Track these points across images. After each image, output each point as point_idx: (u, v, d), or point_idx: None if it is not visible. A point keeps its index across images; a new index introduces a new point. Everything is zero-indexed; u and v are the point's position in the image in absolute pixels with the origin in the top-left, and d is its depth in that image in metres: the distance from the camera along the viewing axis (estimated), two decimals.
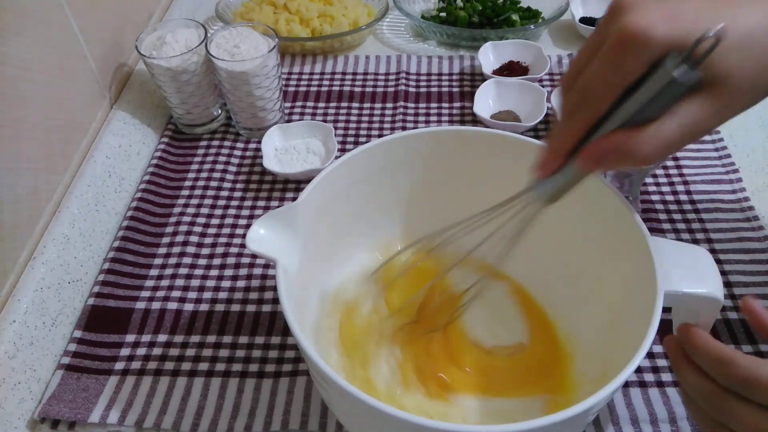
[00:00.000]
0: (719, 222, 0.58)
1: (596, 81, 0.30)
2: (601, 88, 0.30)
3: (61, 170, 0.56)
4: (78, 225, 0.54)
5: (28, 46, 0.51)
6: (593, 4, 0.86)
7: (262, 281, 0.55)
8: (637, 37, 0.28)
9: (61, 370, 0.48)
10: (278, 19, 0.79)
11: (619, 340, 0.38)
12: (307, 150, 0.65)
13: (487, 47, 0.78)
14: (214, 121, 0.70)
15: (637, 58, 0.28)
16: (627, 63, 0.29)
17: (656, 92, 0.28)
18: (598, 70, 0.30)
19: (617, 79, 0.29)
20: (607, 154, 0.31)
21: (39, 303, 0.48)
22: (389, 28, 0.87)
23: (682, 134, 0.29)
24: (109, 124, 0.64)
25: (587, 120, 0.31)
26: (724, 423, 0.32)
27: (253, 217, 0.61)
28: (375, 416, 0.31)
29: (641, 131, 0.29)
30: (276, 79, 0.66)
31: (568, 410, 0.30)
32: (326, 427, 0.45)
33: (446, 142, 0.47)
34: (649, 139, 0.29)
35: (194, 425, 0.45)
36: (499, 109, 0.71)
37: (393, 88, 0.75)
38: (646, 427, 0.44)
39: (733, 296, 0.52)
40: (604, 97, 0.30)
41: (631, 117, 0.30)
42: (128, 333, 0.51)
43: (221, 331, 0.51)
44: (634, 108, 0.29)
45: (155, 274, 0.55)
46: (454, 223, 0.43)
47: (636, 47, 0.28)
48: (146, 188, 0.62)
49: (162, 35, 0.64)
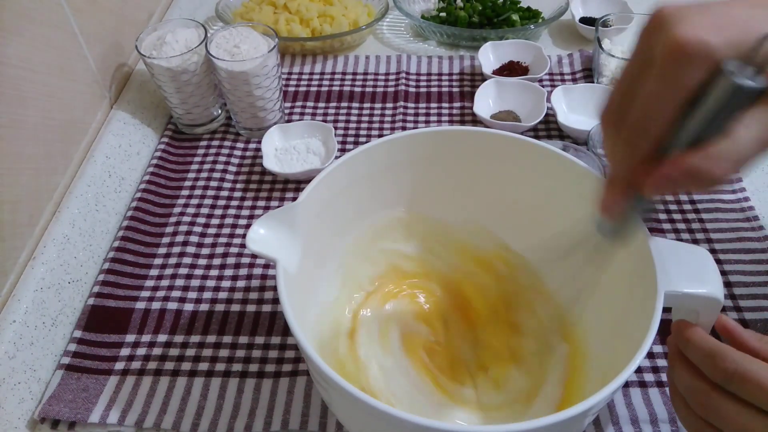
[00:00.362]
0: (719, 222, 0.58)
1: (654, 101, 0.27)
2: (660, 109, 0.27)
3: (61, 170, 0.56)
4: (78, 225, 0.54)
5: (28, 46, 0.51)
6: (593, 4, 0.86)
7: (262, 281, 0.55)
8: (693, 48, 0.25)
9: (61, 370, 0.48)
10: (278, 19, 0.79)
11: (619, 340, 0.38)
12: (307, 150, 0.65)
13: (487, 47, 0.78)
14: (214, 121, 0.70)
15: (696, 69, 0.26)
16: (685, 77, 0.26)
17: (721, 103, 0.26)
18: (654, 90, 0.27)
19: (676, 96, 0.27)
20: (677, 179, 0.28)
21: (39, 303, 0.48)
22: (389, 28, 0.87)
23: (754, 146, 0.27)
24: (109, 124, 0.64)
25: (648, 147, 0.29)
26: (712, 421, 0.32)
27: (253, 217, 0.61)
28: (375, 416, 0.31)
29: (711, 149, 0.27)
30: (276, 79, 0.66)
31: (568, 410, 0.30)
32: (326, 427, 0.45)
33: (446, 142, 0.47)
34: (724, 155, 0.27)
35: (194, 425, 0.45)
36: (499, 109, 0.71)
37: (393, 88, 0.75)
38: (646, 427, 0.44)
39: (733, 296, 0.52)
40: (664, 119, 0.28)
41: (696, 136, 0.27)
42: (128, 333, 0.51)
43: (221, 331, 0.51)
44: (698, 124, 0.27)
45: (155, 274, 0.55)
46: None
47: (693, 58, 0.26)
48: (146, 188, 0.62)
49: (162, 35, 0.64)
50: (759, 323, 0.50)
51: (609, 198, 0.32)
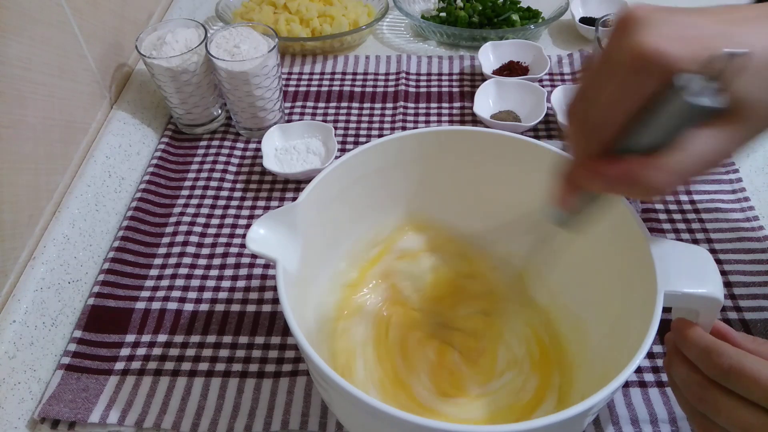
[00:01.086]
0: (719, 222, 0.58)
1: (609, 105, 0.28)
2: (613, 113, 0.28)
3: (61, 170, 0.56)
4: (78, 225, 0.54)
5: (28, 46, 0.51)
6: (593, 4, 0.86)
7: (262, 281, 0.55)
8: (651, 58, 0.25)
9: (61, 370, 0.48)
10: (278, 19, 0.79)
11: (619, 340, 0.38)
12: (307, 150, 0.65)
13: (487, 47, 0.78)
14: (214, 121, 0.70)
15: (651, 79, 0.26)
16: (640, 85, 0.26)
17: (670, 117, 0.26)
18: (610, 94, 0.27)
19: (630, 102, 0.27)
20: (615, 179, 0.28)
21: (39, 303, 0.48)
22: (389, 28, 0.87)
23: (698, 164, 0.27)
24: (109, 124, 0.64)
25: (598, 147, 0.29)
26: (709, 416, 0.32)
27: (253, 217, 0.61)
28: (375, 416, 0.31)
29: (654, 159, 0.27)
30: (276, 79, 0.66)
31: (568, 410, 0.30)
32: (326, 427, 0.45)
33: (446, 142, 0.47)
34: (662, 168, 0.27)
35: (194, 425, 0.45)
36: (499, 109, 0.71)
37: (393, 88, 0.75)
38: (646, 427, 0.44)
39: (733, 296, 0.52)
40: (615, 122, 0.28)
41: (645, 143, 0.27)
42: (128, 333, 0.51)
43: (221, 331, 0.51)
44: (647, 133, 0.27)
45: (155, 274, 0.55)
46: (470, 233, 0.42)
47: (650, 68, 0.25)
48: (146, 188, 0.62)
49: (162, 35, 0.64)
50: (759, 323, 0.50)
51: (560, 189, 0.32)
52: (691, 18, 0.27)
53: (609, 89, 0.27)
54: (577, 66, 0.77)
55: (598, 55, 0.29)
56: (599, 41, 0.71)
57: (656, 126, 0.26)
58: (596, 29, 0.72)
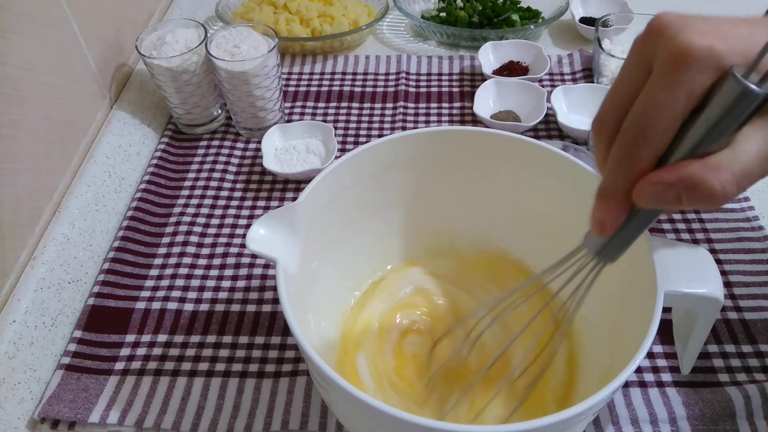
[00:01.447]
0: (719, 222, 0.58)
1: (656, 109, 0.26)
2: (664, 117, 0.26)
3: (61, 170, 0.56)
4: (78, 225, 0.54)
5: (28, 46, 0.51)
6: (593, 4, 0.86)
7: (262, 281, 0.55)
8: (700, 53, 0.24)
9: (61, 370, 0.48)
10: (278, 19, 0.79)
11: (619, 340, 0.38)
12: (307, 150, 0.65)
13: (487, 47, 0.78)
14: (214, 121, 0.70)
15: (704, 74, 0.25)
16: (692, 82, 0.25)
17: (726, 109, 0.25)
18: (657, 98, 0.26)
19: (681, 103, 0.25)
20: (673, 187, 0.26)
21: (39, 303, 0.48)
22: (389, 28, 0.87)
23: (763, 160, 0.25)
24: (109, 124, 0.64)
25: (653, 156, 0.27)
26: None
27: (253, 217, 0.61)
28: (375, 416, 0.31)
29: (711, 158, 0.25)
30: (276, 79, 0.66)
31: (568, 410, 0.30)
32: (326, 427, 0.45)
33: (446, 142, 0.47)
34: (724, 165, 0.25)
35: (194, 425, 0.45)
36: (499, 109, 0.71)
37: (393, 88, 0.75)
38: (646, 427, 0.44)
39: (733, 296, 0.52)
40: (669, 125, 0.26)
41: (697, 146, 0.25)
42: (128, 333, 0.51)
43: (221, 331, 0.51)
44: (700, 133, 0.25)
45: (155, 274, 0.55)
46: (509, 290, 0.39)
47: (701, 63, 0.24)
48: (146, 188, 0.62)
49: (162, 35, 0.64)
50: (759, 323, 0.50)
51: (602, 212, 0.29)
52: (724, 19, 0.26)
53: (654, 92, 0.26)
54: (577, 66, 0.77)
55: (627, 63, 0.28)
56: (599, 41, 0.71)
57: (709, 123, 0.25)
58: (596, 29, 0.72)
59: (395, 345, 0.47)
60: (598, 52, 0.71)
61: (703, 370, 0.47)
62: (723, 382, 0.47)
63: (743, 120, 0.25)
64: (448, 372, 0.45)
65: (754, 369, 0.47)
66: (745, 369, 0.47)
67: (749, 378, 0.47)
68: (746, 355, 0.48)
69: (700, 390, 0.46)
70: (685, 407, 0.45)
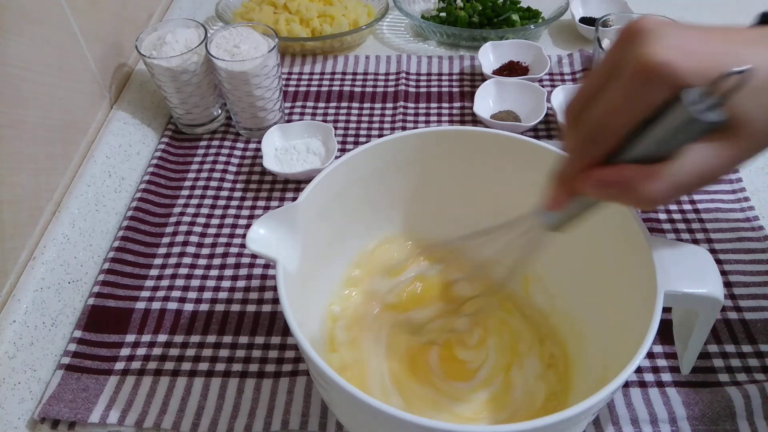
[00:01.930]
0: (719, 222, 0.58)
1: (611, 113, 0.28)
2: (615, 122, 0.28)
3: (61, 170, 0.56)
4: (78, 225, 0.54)
5: (28, 46, 0.51)
6: (593, 4, 0.86)
7: (262, 281, 0.55)
8: (659, 69, 0.25)
9: (61, 370, 0.48)
10: (278, 19, 0.79)
11: (619, 340, 0.38)
12: (307, 150, 0.65)
13: (487, 47, 0.78)
14: (214, 121, 0.70)
15: (658, 91, 0.26)
16: (646, 96, 0.26)
17: (673, 129, 0.26)
18: (614, 102, 0.27)
19: (634, 112, 0.27)
20: (611, 185, 0.28)
21: (39, 303, 0.48)
22: (389, 28, 0.87)
23: (695, 178, 0.27)
24: (109, 124, 0.64)
25: (598, 155, 0.29)
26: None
27: (253, 217, 0.61)
28: (375, 416, 0.31)
29: (651, 168, 0.27)
30: (276, 79, 0.66)
31: (568, 410, 0.30)
32: (326, 427, 0.45)
33: (446, 142, 0.47)
34: (659, 178, 0.27)
35: (194, 425, 0.45)
36: (499, 109, 0.71)
37: (393, 88, 0.75)
38: (646, 427, 0.44)
39: (733, 296, 0.52)
40: (618, 131, 0.28)
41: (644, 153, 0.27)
42: (128, 333, 0.51)
43: (221, 331, 0.51)
44: (648, 143, 0.27)
45: (155, 274, 0.55)
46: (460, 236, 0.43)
47: (658, 80, 0.26)
48: (146, 188, 0.62)
49: (162, 35, 0.64)
50: (759, 323, 0.50)
51: (554, 193, 0.32)
52: (698, 33, 0.27)
53: (613, 97, 0.27)
54: (577, 66, 0.77)
55: (602, 60, 0.29)
56: (599, 41, 0.71)
57: (656, 137, 0.27)
58: (596, 29, 0.72)
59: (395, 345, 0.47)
60: (598, 52, 0.71)
61: (703, 370, 0.47)
62: (723, 382, 0.47)
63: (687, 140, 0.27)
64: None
65: (754, 369, 0.47)
66: (745, 369, 0.47)
67: (749, 378, 0.47)
68: (746, 355, 0.48)
69: (700, 390, 0.46)
70: (685, 407, 0.45)
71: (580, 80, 0.30)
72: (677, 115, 0.26)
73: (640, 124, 0.27)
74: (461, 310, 0.48)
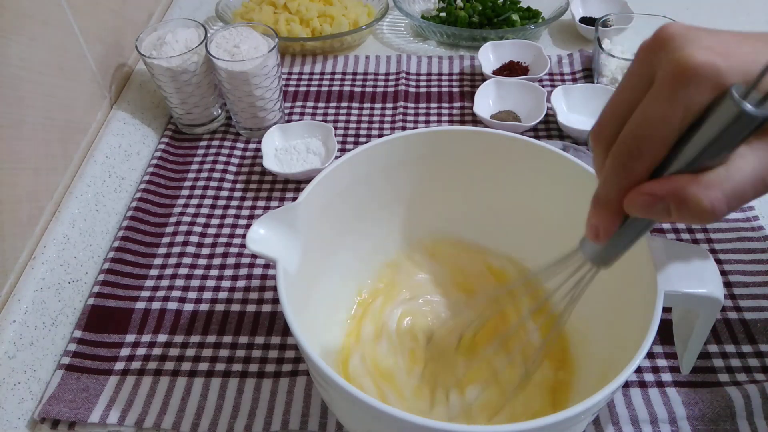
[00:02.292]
0: (719, 222, 0.58)
1: (653, 122, 0.26)
2: (660, 131, 0.26)
3: (61, 170, 0.56)
4: (78, 225, 0.54)
5: (28, 46, 0.51)
6: (593, 4, 0.86)
7: (262, 281, 0.55)
8: (701, 70, 0.24)
9: (61, 370, 0.48)
10: (278, 19, 0.79)
11: (619, 341, 0.38)
12: (307, 150, 0.65)
13: (487, 47, 0.78)
14: (214, 121, 0.70)
15: (703, 91, 0.25)
16: (691, 98, 0.25)
17: (723, 129, 0.25)
18: (655, 111, 0.26)
19: (679, 118, 0.25)
20: (661, 200, 0.26)
21: (39, 303, 0.48)
22: (389, 28, 0.87)
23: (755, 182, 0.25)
24: (109, 124, 0.64)
25: (643, 170, 0.27)
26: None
27: (253, 217, 0.61)
28: (375, 416, 0.31)
29: (703, 175, 0.25)
30: (276, 79, 0.66)
31: (568, 410, 0.30)
32: (326, 427, 0.45)
33: (446, 142, 0.47)
34: (716, 183, 0.25)
35: (194, 425, 0.45)
36: (499, 109, 0.71)
37: (393, 88, 0.75)
38: (646, 427, 0.44)
39: (733, 296, 0.52)
40: (664, 139, 0.26)
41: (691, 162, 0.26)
42: (128, 333, 0.51)
43: (221, 331, 0.51)
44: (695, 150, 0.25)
45: (155, 274, 0.55)
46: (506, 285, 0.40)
47: (701, 80, 0.24)
48: (146, 188, 0.62)
49: (162, 35, 0.64)
50: (759, 323, 0.50)
51: (596, 220, 0.30)
52: (728, 36, 0.26)
53: (653, 106, 0.26)
54: (577, 66, 0.77)
55: (627, 75, 0.28)
56: (599, 41, 0.71)
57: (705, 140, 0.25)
58: (596, 29, 0.72)
59: (394, 344, 0.47)
60: (598, 52, 0.71)
61: (703, 370, 0.47)
62: (723, 382, 0.47)
63: (739, 140, 0.25)
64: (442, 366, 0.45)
65: (754, 369, 0.47)
66: (745, 369, 0.47)
67: (749, 378, 0.47)
68: (746, 355, 0.48)
69: (700, 390, 0.46)
70: (685, 407, 0.45)
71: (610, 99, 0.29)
72: (726, 114, 0.24)
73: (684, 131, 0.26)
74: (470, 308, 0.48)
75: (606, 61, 0.70)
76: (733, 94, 0.24)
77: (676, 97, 0.25)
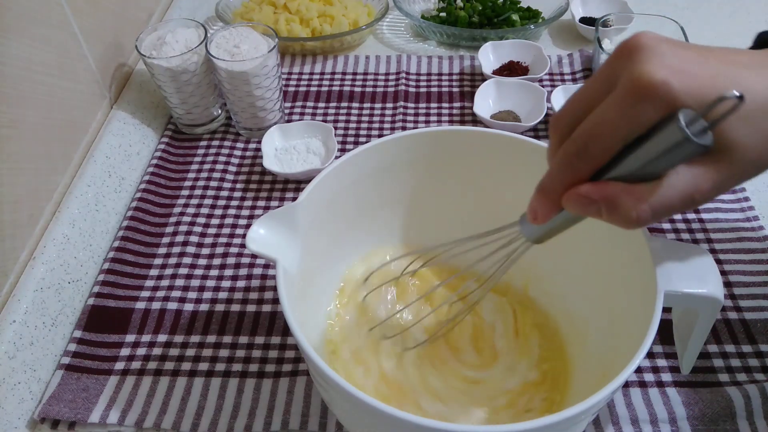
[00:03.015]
0: (719, 222, 0.58)
1: (603, 129, 0.27)
2: (607, 138, 0.27)
3: (61, 170, 0.56)
4: (78, 225, 0.54)
5: (28, 46, 0.51)
6: (593, 4, 0.86)
7: (262, 281, 0.55)
8: (655, 88, 0.25)
9: (61, 370, 0.48)
10: (278, 19, 0.79)
11: (619, 340, 0.38)
12: (307, 150, 0.65)
13: (487, 47, 0.78)
14: (214, 121, 0.70)
15: (653, 110, 0.26)
16: (641, 114, 0.26)
17: (664, 149, 0.26)
18: (607, 118, 0.27)
19: (627, 130, 0.26)
20: (596, 203, 0.28)
21: (39, 303, 0.48)
22: (389, 28, 0.87)
23: (681, 201, 0.27)
24: (109, 124, 0.64)
25: (590, 170, 0.28)
26: None
27: (253, 217, 0.61)
28: (375, 416, 0.31)
29: (636, 187, 0.27)
30: (276, 79, 0.66)
31: (568, 410, 0.30)
32: (326, 427, 0.45)
33: (446, 142, 0.47)
34: (645, 199, 0.27)
35: (194, 425, 0.45)
36: (499, 109, 0.71)
37: (393, 88, 0.75)
38: (646, 427, 0.44)
39: (733, 296, 0.52)
40: (609, 148, 0.27)
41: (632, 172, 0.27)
42: (128, 333, 0.51)
43: (221, 331, 0.51)
44: (637, 162, 0.27)
45: (155, 274, 0.55)
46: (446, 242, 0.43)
47: (653, 98, 0.25)
48: (146, 188, 0.62)
49: (162, 35, 0.64)
50: (759, 323, 0.50)
51: (537, 205, 0.32)
52: (696, 54, 0.27)
53: (607, 112, 0.27)
54: (577, 66, 0.77)
55: (596, 74, 0.29)
56: (599, 41, 0.71)
57: (646, 156, 0.26)
58: (596, 29, 0.72)
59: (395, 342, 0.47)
60: (598, 52, 0.71)
61: (703, 370, 0.47)
62: (723, 382, 0.47)
63: (678, 162, 0.26)
64: None
65: (754, 369, 0.47)
66: (745, 369, 0.47)
67: (749, 378, 0.47)
68: (746, 355, 0.48)
69: (700, 390, 0.46)
70: (685, 407, 0.45)
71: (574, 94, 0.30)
72: (670, 136, 0.25)
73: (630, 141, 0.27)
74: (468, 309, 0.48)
75: None
76: (679, 119, 0.25)
77: (628, 109, 0.26)
